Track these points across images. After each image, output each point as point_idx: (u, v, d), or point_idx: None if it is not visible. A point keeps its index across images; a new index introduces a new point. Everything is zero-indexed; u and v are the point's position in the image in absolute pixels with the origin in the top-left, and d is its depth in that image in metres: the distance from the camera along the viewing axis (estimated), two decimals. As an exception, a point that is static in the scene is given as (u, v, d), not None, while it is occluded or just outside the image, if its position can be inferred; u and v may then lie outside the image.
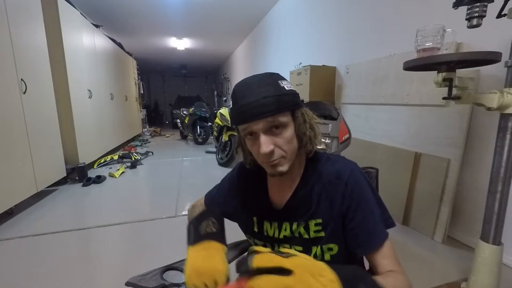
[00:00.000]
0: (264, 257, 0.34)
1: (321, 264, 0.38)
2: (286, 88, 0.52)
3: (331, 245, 0.58)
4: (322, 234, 0.57)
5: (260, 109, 0.49)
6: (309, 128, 0.55)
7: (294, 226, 0.60)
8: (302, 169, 0.61)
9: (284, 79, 0.55)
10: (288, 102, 0.52)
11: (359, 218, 0.54)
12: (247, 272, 0.34)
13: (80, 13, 3.59)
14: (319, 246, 0.58)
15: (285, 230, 0.61)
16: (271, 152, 0.51)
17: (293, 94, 0.54)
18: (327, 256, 0.58)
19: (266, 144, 0.50)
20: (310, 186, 0.59)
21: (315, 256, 0.58)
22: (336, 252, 0.58)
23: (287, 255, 0.35)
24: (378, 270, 0.53)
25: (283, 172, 0.54)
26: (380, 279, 0.44)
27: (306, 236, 0.59)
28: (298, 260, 0.36)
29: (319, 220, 0.57)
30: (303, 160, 0.62)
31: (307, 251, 0.59)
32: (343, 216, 0.56)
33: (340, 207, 0.56)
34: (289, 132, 0.53)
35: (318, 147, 0.61)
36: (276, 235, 0.62)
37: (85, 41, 3.59)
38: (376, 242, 0.53)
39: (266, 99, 0.49)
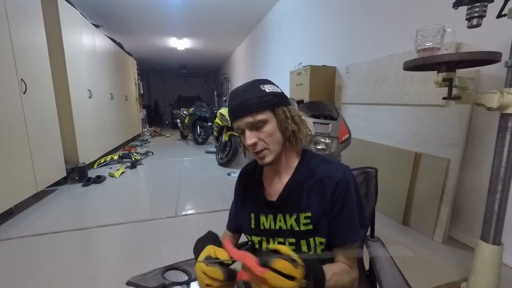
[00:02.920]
0: (282, 263, 0.43)
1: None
2: (267, 91, 0.61)
3: (322, 239, 0.63)
4: (310, 227, 0.63)
5: (243, 109, 0.60)
6: (292, 123, 0.62)
7: (287, 217, 0.65)
8: (295, 163, 0.68)
9: (268, 83, 0.63)
10: (267, 102, 0.60)
11: (343, 216, 0.62)
12: (264, 265, 0.43)
13: (80, 13, 3.59)
14: (311, 239, 0.63)
15: (280, 221, 0.66)
16: (254, 144, 0.60)
17: (273, 95, 0.61)
18: (318, 250, 0.64)
19: (249, 137, 0.60)
20: (302, 180, 0.65)
21: (308, 249, 0.64)
22: (324, 245, 0.64)
23: (296, 265, 0.43)
24: (336, 260, 0.63)
25: (269, 162, 0.62)
26: (328, 267, 0.55)
27: (296, 228, 0.64)
28: (301, 270, 0.44)
29: (308, 214, 0.63)
30: (295, 154, 0.69)
31: (298, 243, 0.65)
32: (330, 212, 0.62)
33: (329, 203, 0.62)
34: (270, 127, 0.60)
35: (318, 147, 0.63)
36: (272, 226, 0.67)
37: (85, 41, 3.59)
38: (352, 241, 0.63)
39: (247, 101, 0.59)
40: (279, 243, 0.66)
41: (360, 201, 0.65)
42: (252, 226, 0.70)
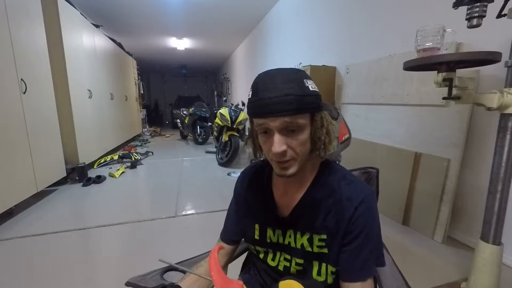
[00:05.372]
0: None
1: None
2: (310, 89, 0.50)
3: (334, 269, 0.56)
4: (325, 250, 0.56)
5: (280, 107, 0.47)
6: (326, 133, 0.52)
7: (299, 235, 0.58)
8: (312, 176, 0.59)
9: (309, 78, 0.52)
10: (310, 104, 0.50)
11: (356, 246, 0.53)
12: None
13: (80, 13, 3.59)
14: (324, 264, 0.56)
15: (290, 237, 0.59)
16: (283, 152, 0.49)
17: (316, 96, 0.51)
18: (330, 280, 0.57)
19: (279, 144, 0.48)
20: (318, 198, 0.57)
21: (318, 274, 0.57)
22: (335, 276, 0.57)
23: None
24: None
25: (292, 174, 0.52)
26: None
27: (309, 249, 0.57)
28: None
29: (324, 236, 0.55)
30: (316, 166, 0.59)
31: (308, 264, 0.58)
32: (343, 238, 0.55)
33: (344, 229, 0.54)
34: (305, 135, 0.50)
35: None
36: (280, 241, 0.61)
37: (85, 41, 3.59)
38: (360, 276, 0.53)
39: (288, 97, 0.47)
40: (285, 259, 0.60)
41: (379, 231, 0.56)
42: (256, 237, 0.63)
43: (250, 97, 0.51)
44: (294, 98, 0.47)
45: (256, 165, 0.69)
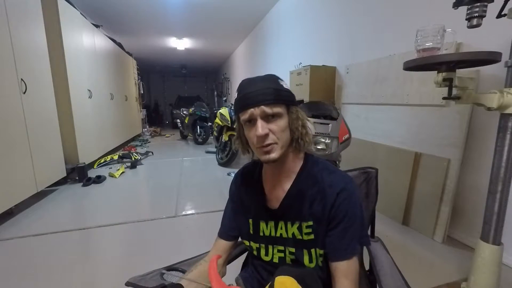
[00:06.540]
0: None
1: None
2: (284, 87, 0.61)
3: (321, 251, 0.62)
4: (312, 236, 0.61)
5: (261, 97, 0.57)
6: (301, 126, 0.61)
7: (289, 225, 0.63)
8: (297, 169, 0.65)
9: (282, 80, 0.62)
10: (285, 97, 0.60)
11: (340, 229, 0.60)
12: None
13: (80, 13, 3.59)
14: (313, 249, 0.62)
15: (281, 228, 0.65)
16: (266, 135, 0.57)
17: (289, 92, 0.61)
18: (319, 262, 0.63)
19: (262, 127, 0.57)
20: (303, 188, 0.63)
21: (310, 261, 0.62)
22: (323, 258, 0.62)
23: None
24: (334, 282, 0.60)
25: (275, 158, 0.58)
26: None
27: (299, 237, 0.62)
28: None
29: (310, 223, 0.61)
30: (298, 159, 0.66)
31: (300, 253, 0.63)
32: (328, 223, 0.60)
33: (328, 214, 0.60)
34: (283, 122, 0.59)
35: (318, 147, 0.62)
36: (273, 233, 0.65)
37: (85, 41, 3.59)
38: (345, 255, 0.59)
39: (267, 90, 0.57)
40: (279, 251, 0.65)
41: (363, 213, 0.62)
42: (251, 231, 0.68)
43: (236, 97, 0.61)
44: (272, 90, 0.58)
45: (248, 166, 0.75)
